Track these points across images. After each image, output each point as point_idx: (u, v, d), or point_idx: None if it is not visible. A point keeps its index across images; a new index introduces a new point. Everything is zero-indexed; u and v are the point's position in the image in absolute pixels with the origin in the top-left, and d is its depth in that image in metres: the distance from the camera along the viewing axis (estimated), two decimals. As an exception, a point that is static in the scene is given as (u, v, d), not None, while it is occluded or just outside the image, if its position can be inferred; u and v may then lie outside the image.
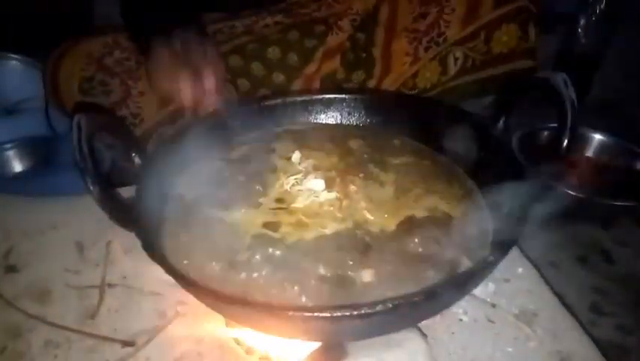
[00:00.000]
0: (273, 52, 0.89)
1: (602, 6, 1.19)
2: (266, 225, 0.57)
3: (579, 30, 1.23)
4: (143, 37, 0.75)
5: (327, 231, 0.56)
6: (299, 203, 0.60)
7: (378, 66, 0.89)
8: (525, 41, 0.85)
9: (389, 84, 0.90)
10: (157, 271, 0.48)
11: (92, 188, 0.48)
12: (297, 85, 0.91)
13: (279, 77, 0.91)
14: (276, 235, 0.56)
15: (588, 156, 1.00)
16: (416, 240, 0.55)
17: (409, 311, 0.44)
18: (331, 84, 0.90)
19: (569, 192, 0.86)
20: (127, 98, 0.82)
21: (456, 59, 0.86)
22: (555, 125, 0.55)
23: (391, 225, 0.57)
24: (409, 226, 0.57)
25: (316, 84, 0.91)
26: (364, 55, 0.90)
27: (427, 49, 0.86)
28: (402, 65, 0.88)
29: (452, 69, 0.87)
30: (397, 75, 0.88)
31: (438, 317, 0.61)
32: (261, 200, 0.61)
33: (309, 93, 0.78)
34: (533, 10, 0.84)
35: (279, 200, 0.61)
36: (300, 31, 0.89)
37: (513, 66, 0.86)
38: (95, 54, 0.82)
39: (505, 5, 0.83)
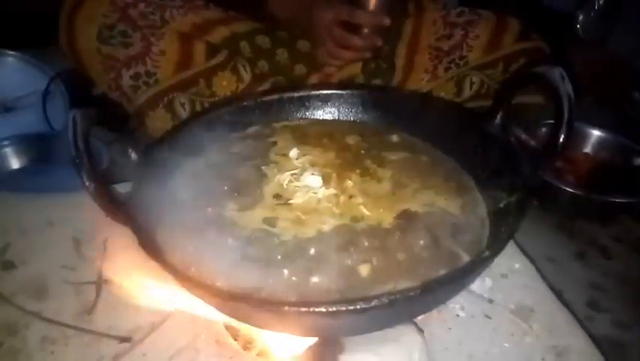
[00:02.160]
0: (303, 44, 0.90)
1: (601, 3, 1.19)
2: (265, 220, 0.57)
3: (578, 27, 1.23)
4: None
5: (325, 226, 0.56)
6: (297, 199, 0.60)
7: (397, 77, 0.91)
8: None
9: None
10: (153, 267, 0.48)
11: (87, 184, 0.48)
12: (314, 79, 0.91)
13: (301, 69, 0.91)
14: (275, 231, 0.56)
15: (586, 153, 1.00)
16: (414, 235, 0.55)
17: (405, 306, 0.44)
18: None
19: (567, 188, 0.86)
20: (146, 54, 0.80)
21: (472, 84, 0.88)
22: (552, 120, 0.55)
23: (388, 220, 0.57)
24: (407, 221, 0.57)
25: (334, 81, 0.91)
26: (385, 65, 0.91)
27: (446, 69, 0.88)
28: (419, 81, 0.89)
29: (467, 92, 0.88)
30: (413, 89, 0.89)
31: (435, 313, 0.61)
32: (259, 196, 0.61)
33: (307, 89, 0.77)
34: (548, 52, 0.87)
35: (278, 196, 0.61)
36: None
37: (522, 99, 0.87)
38: (119, 3, 0.79)
39: (525, 41, 0.86)
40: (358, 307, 0.42)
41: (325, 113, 0.77)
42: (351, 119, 0.76)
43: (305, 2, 0.80)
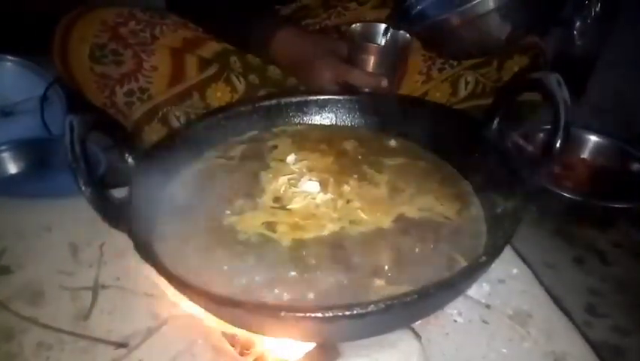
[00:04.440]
0: None
1: (597, 8, 1.19)
2: (264, 225, 0.57)
3: (574, 32, 1.23)
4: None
5: (324, 231, 0.56)
6: (296, 204, 0.60)
7: None
8: None
9: None
10: (150, 273, 0.48)
11: (84, 189, 0.48)
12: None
13: (292, 81, 0.92)
14: (274, 235, 0.56)
15: (584, 158, 1.00)
16: (411, 239, 0.55)
17: (401, 311, 0.44)
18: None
19: (565, 193, 0.86)
20: (138, 71, 0.81)
21: (467, 83, 0.87)
22: (549, 125, 0.55)
23: (386, 224, 0.57)
24: (404, 225, 0.57)
25: None
26: None
27: (440, 70, 0.87)
28: (414, 83, 0.89)
29: (462, 92, 0.88)
30: (408, 92, 0.89)
31: (432, 318, 0.61)
32: (257, 201, 0.61)
33: (304, 94, 0.77)
34: (544, 47, 0.86)
35: (276, 201, 0.61)
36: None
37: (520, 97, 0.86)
38: (110, 22, 0.80)
39: None
40: (355, 312, 0.42)
41: (323, 119, 0.77)
42: (349, 124, 0.77)
43: (305, 57, 0.79)
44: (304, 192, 0.62)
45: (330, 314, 0.41)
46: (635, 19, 1.24)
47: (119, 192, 0.61)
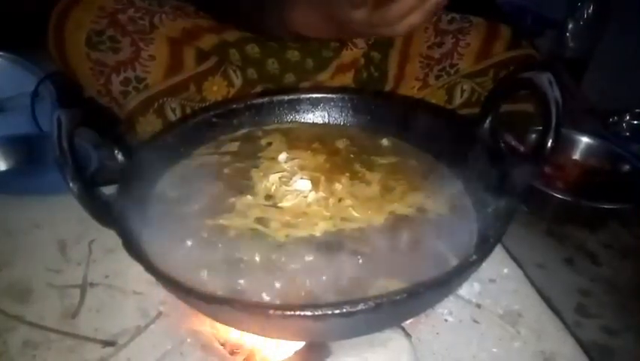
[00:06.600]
0: (292, 54, 0.89)
1: (590, 11, 1.20)
2: (256, 221, 0.57)
3: (567, 34, 1.24)
4: None
5: (315, 229, 0.56)
6: (287, 202, 0.60)
7: (389, 86, 0.91)
8: None
9: None
10: (139, 270, 0.47)
11: (71, 185, 0.47)
12: (305, 86, 0.91)
13: (290, 78, 0.91)
14: (266, 232, 0.55)
15: (575, 159, 1.00)
16: (403, 237, 0.55)
17: (391, 310, 0.44)
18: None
19: (556, 194, 0.87)
20: (135, 59, 0.80)
21: (462, 91, 0.86)
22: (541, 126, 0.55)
23: (377, 222, 0.57)
24: (396, 224, 0.57)
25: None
26: (377, 74, 0.91)
27: (437, 77, 0.87)
28: (410, 89, 0.89)
29: (457, 100, 0.87)
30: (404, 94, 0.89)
31: (423, 317, 0.61)
32: (248, 199, 0.60)
33: (297, 92, 0.77)
34: (539, 59, 0.87)
35: (268, 198, 0.61)
36: (318, 41, 0.89)
37: (512, 107, 0.84)
38: (108, 8, 0.79)
39: (516, 49, 0.85)
40: (344, 310, 0.41)
41: (316, 117, 0.77)
42: (342, 123, 0.76)
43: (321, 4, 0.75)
44: (296, 190, 0.62)
45: (320, 313, 0.41)
46: (627, 21, 1.26)
47: (109, 190, 0.60)
